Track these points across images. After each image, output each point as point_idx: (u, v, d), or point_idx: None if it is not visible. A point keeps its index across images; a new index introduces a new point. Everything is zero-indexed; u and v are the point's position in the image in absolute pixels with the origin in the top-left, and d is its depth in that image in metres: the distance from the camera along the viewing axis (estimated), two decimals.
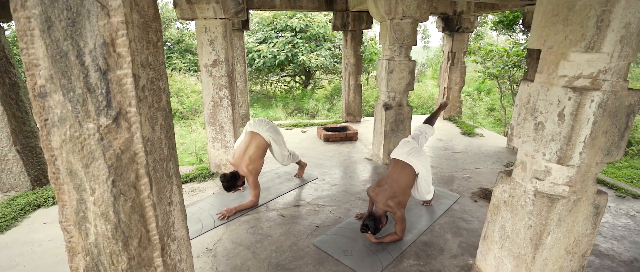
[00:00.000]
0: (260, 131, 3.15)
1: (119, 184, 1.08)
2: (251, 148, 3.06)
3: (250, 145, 3.09)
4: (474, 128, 6.16)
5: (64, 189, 1.08)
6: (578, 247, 1.80)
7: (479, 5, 5.72)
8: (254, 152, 3.04)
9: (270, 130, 3.19)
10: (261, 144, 3.11)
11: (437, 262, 2.31)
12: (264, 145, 3.14)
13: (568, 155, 1.56)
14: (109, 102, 1.02)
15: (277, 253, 2.38)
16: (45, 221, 2.84)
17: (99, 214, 1.09)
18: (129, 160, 1.09)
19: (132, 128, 1.07)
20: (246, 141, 3.14)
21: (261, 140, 3.13)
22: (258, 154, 3.06)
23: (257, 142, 3.11)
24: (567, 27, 1.50)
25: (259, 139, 3.13)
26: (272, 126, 3.23)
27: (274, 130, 3.22)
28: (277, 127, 3.30)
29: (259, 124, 3.19)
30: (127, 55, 1.02)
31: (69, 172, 1.05)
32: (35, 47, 0.96)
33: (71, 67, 0.97)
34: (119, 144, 1.06)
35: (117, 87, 1.02)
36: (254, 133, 3.16)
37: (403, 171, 2.64)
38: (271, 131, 3.19)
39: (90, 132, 1.02)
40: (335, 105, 10.88)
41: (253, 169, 2.99)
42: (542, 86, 1.65)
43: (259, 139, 3.12)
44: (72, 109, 1.00)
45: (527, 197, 1.78)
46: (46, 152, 1.05)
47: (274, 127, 3.24)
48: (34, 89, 0.99)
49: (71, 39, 0.96)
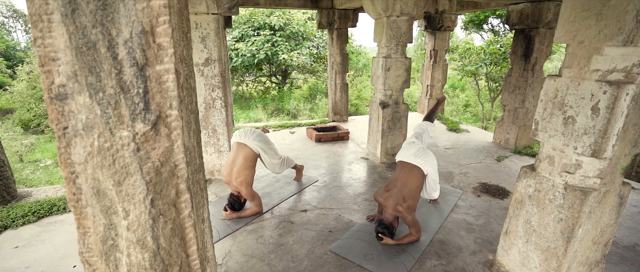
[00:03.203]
0: (247, 142, 2.93)
1: (158, 203, 0.90)
2: (239, 160, 2.84)
3: (237, 157, 2.86)
4: (459, 124, 6.35)
5: (87, 213, 0.87)
6: (603, 237, 1.84)
7: (461, 4, 5.90)
8: (242, 164, 2.82)
9: (258, 139, 2.95)
10: (249, 156, 2.88)
11: (458, 261, 2.29)
12: (252, 156, 2.91)
13: (603, 148, 1.57)
14: (147, 105, 0.83)
15: (295, 263, 2.23)
16: (17, 245, 2.45)
17: (134, 241, 0.89)
18: (169, 173, 0.91)
19: (172, 135, 0.89)
20: (233, 154, 2.90)
21: (249, 151, 2.90)
22: (246, 165, 2.83)
23: (244, 153, 2.88)
24: (600, 21, 1.51)
25: (246, 150, 2.90)
26: (260, 135, 3.00)
27: (261, 140, 2.99)
28: (265, 136, 3.07)
29: (245, 134, 2.96)
30: (169, 46, 0.84)
31: (95, 193, 0.85)
32: (54, 36, 0.75)
33: (101, 61, 0.78)
34: (158, 155, 0.88)
35: (157, 85, 0.84)
36: (240, 144, 2.93)
37: (411, 173, 2.55)
38: (258, 140, 2.96)
39: (124, 141, 0.83)
40: (316, 104, 10.77)
41: (242, 181, 2.78)
42: (572, 81, 1.66)
43: (246, 150, 2.90)
44: (102, 113, 0.80)
45: (556, 191, 1.79)
46: (64, 169, 0.84)
47: (261, 135, 3.02)
48: (50, 89, 0.78)
49: (101, 26, 0.77)
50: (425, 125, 3.14)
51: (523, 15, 4.33)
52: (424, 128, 3.09)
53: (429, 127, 3.15)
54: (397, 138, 4.19)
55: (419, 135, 3.00)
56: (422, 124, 3.16)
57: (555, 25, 4.28)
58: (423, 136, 3.02)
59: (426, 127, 3.11)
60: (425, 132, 3.07)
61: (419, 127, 3.11)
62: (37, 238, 2.54)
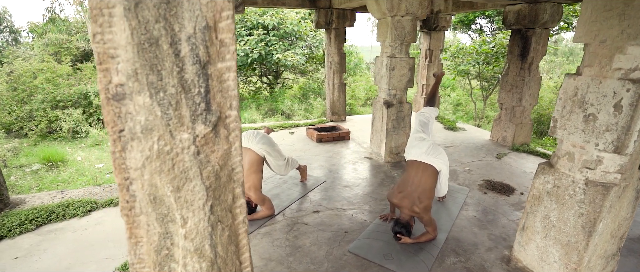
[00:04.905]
0: (251, 146, 2.88)
1: (216, 209, 0.85)
2: (245, 165, 2.79)
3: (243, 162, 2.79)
4: (455, 123, 6.45)
5: (141, 222, 0.82)
6: (619, 230, 1.90)
7: (457, 5, 5.99)
8: (248, 169, 2.78)
9: (262, 142, 2.91)
10: (255, 160, 2.84)
11: (476, 257, 2.31)
12: (258, 160, 2.86)
13: (625, 144, 1.62)
14: (209, 105, 0.79)
15: (315, 265, 2.20)
16: (16, 256, 2.31)
17: (192, 250, 0.84)
18: (227, 178, 0.87)
19: (230, 137, 0.85)
20: None
21: (254, 155, 2.85)
22: (252, 169, 2.79)
23: (250, 158, 2.83)
24: (623, 21, 1.54)
25: (251, 154, 2.85)
26: (263, 137, 2.95)
27: (266, 142, 2.95)
28: (269, 138, 3.02)
29: (248, 138, 2.90)
30: (231, 43, 0.80)
31: (151, 200, 0.80)
32: (114, 31, 0.70)
33: (163, 58, 0.73)
34: (217, 158, 0.83)
35: (218, 84, 0.80)
36: (245, 149, 2.88)
37: (425, 172, 2.50)
38: (263, 143, 2.91)
39: (185, 144, 0.78)
40: (311, 105, 10.73)
41: (251, 186, 2.73)
42: (593, 79, 1.69)
43: (252, 155, 2.85)
44: (162, 114, 0.75)
45: (576, 187, 1.83)
46: (118, 175, 0.78)
47: (265, 138, 2.97)
48: (107, 89, 0.73)
49: (164, 21, 0.72)
50: (428, 111, 2.99)
51: (520, 15, 4.43)
52: (428, 116, 2.95)
53: (433, 112, 3.00)
54: (401, 137, 4.21)
55: (425, 124, 2.88)
56: (425, 110, 3.01)
57: (551, 25, 4.40)
58: (429, 125, 2.89)
59: (430, 114, 2.97)
60: (431, 120, 2.93)
61: (423, 115, 2.96)
62: (38, 247, 2.41)
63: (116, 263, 2.24)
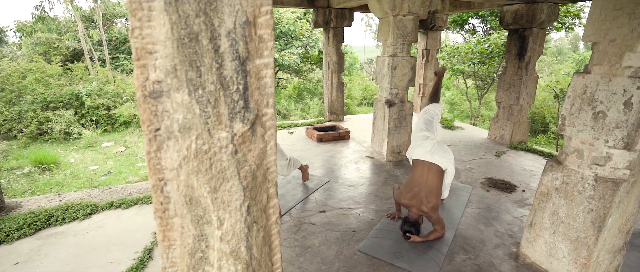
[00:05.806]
0: None
1: (253, 209, 0.83)
2: None
3: None
4: (453, 122, 6.51)
5: (174, 224, 0.79)
6: (627, 225, 1.93)
7: (454, 5, 6.05)
8: None
9: None
10: None
11: (485, 254, 2.33)
12: None
13: (635, 140, 1.65)
14: (247, 102, 0.77)
15: (326, 265, 2.18)
16: (16, 261, 2.23)
17: (227, 253, 0.82)
18: (263, 177, 0.84)
19: (266, 135, 0.83)
20: None
21: None
22: None
23: None
24: (633, 20, 1.57)
25: None
26: None
27: None
28: None
29: None
30: (270, 39, 0.78)
31: (187, 201, 0.77)
32: (154, 26, 0.67)
33: (202, 54, 0.71)
34: (254, 157, 0.81)
35: (255, 81, 0.78)
36: None
37: (431, 172, 2.49)
38: None
39: (223, 143, 0.76)
40: (307, 105, 10.71)
41: None
42: (603, 77, 1.72)
43: None
44: (201, 112, 0.73)
45: (586, 183, 1.86)
46: (153, 176, 0.75)
47: None
48: (144, 86, 0.70)
49: (204, 16, 0.70)
50: (432, 109, 2.95)
51: (517, 15, 4.50)
52: (432, 113, 2.90)
53: (437, 109, 2.96)
54: (402, 136, 4.22)
55: (429, 122, 2.84)
56: (429, 107, 2.96)
57: (547, 25, 4.48)
58: (433, 123, 2.85)
59: (435, 112, 2.92)
60: (435, 118, 2.88)
61: (427, 113, 2.91)
62: (39, 252, 2.33)
63: (122, 267, 2.19)
